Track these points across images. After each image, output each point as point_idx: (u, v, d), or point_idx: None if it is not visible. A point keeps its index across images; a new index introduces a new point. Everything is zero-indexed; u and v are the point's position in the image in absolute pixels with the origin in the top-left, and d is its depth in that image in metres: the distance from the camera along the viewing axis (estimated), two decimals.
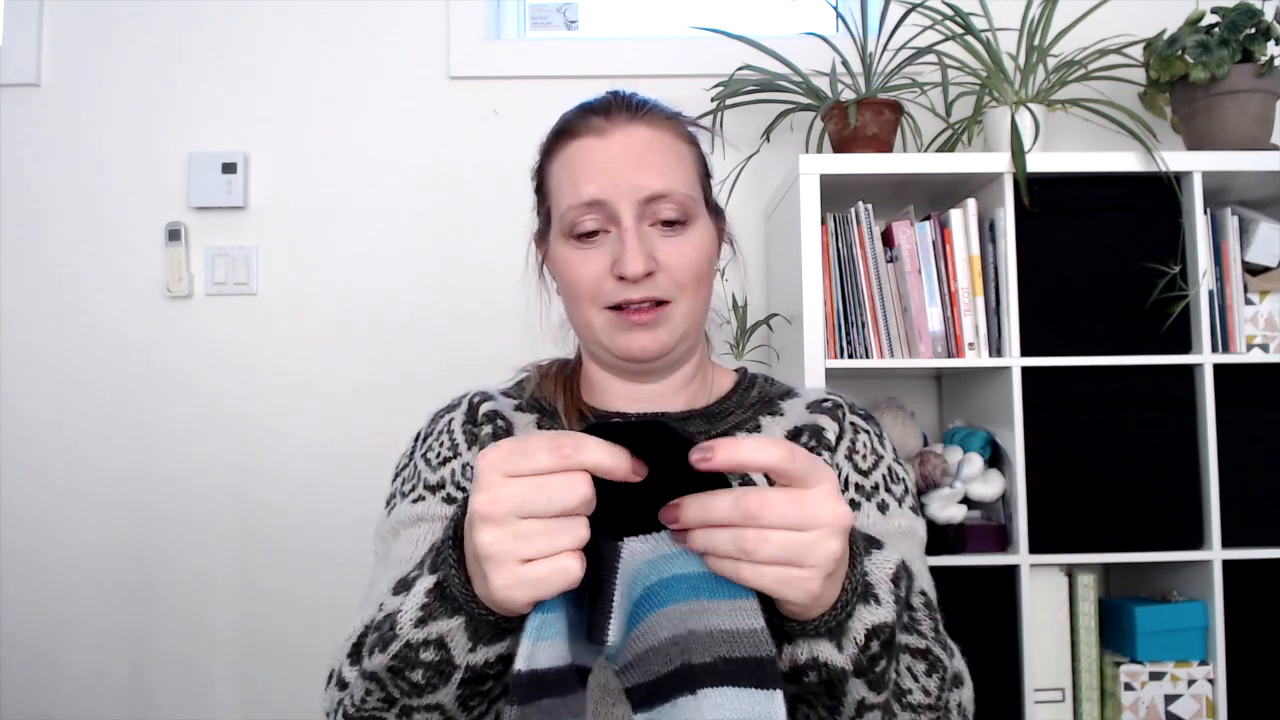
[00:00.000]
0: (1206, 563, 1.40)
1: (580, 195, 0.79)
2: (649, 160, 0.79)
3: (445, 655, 0.57)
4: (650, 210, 0.79)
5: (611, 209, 0.79)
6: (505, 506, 0.49)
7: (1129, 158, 1.44)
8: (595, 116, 0.81)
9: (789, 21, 1.85)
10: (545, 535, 0.49)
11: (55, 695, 1.72)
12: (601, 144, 0.80)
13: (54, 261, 1.78)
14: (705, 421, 0.87)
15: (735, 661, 0.52)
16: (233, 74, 1.80)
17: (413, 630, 0.58)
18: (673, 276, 0.80)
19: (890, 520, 0.82)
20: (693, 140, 0.86)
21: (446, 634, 0.57)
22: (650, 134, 0.81)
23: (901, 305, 1.46)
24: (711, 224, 0.86)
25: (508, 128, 1.79)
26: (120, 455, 1.75)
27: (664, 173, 0.79)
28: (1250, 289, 1.48)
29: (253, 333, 1.77)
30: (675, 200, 0.79)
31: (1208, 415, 1.41)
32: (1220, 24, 1.49)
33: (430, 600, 0.57)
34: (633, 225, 0.78)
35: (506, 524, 0.49)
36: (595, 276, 0.80)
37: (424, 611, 0.58)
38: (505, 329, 1.65)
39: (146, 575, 1.74)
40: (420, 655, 0.58)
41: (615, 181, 0.78)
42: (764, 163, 1.72)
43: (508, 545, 0.49)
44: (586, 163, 0.80)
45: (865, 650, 0.57)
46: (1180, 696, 1.39)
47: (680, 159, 0.82)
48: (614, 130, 0.80)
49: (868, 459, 0.85)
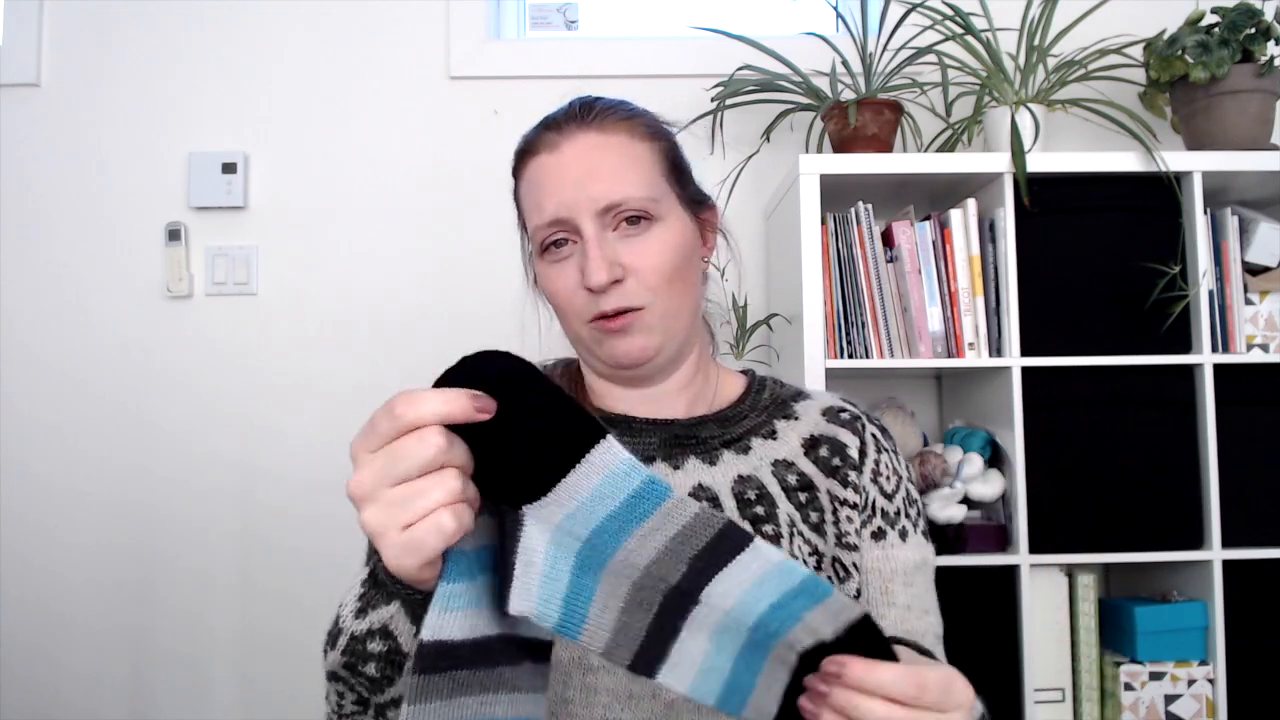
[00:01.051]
0: (1206, 563, 1.40)
1: (543, 215, 0.79)
2: (600, 169, 0.78)
3: (393, 644, 0.58)
4: (610, 217, 0.78)
5: (572, 223, 0.78)
6: (370, 480, 0.49)
7: (1129, 158, 1.44)
8: (549, 132, 0.81)
9: (789, 21, 1.85)
10: (415, 496, 0.48)
11: (55, 695, 1.72)
12: (555, 159, 0.79)
13: (54, 261, 1.78)
14: (719, 426, 0.86)
15: (704, 553, 0.51)
16: (233, 74, 1.80)
17: (354, 622, 0.59)
18: (641, 280, 0.79)
19: (910, 550, 0.85)
20: (655, 136, 0.83)
21: (389, 621, 0.58)
22: (599, 139, 0.80)
23: (901, 305, 1.46)
24: (687, 217, 0.84)
25: (508, 128, 1.76)
26: (120, 455, 1.75)
27: (616, 178, 0.78)
28: (1250, 289, 1.48)
29: (253, 333, 1.77)
30: (632, 205, 0.78)
31: (1208, 415, 1.41)
32: (1220, 24, 1.49)
33: (365, 590, 0.59)
34: (594, 235, 0.77)
35: (377, 496, 0.49)
36: (570, 290, 0.80)
37: (362, 602, 0.59)
38: (505, 329, 1.64)
39: (146, 575, 1.74)
40: (368, 646, 0.58)
41: (571, 195, 0.78)
42: (764, 163, 1.72)
43: (384, 516, 0.49)
44: (544, 180, 0.80)
45: None
46: (1180, 696, 1.39)
47: (635, 160, 0.80)
48: (564, 142, 0.80)
49: (891, 480, 0.87)
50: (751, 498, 0.82)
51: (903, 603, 0.83)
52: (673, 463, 0.83)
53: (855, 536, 0.83)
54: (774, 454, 0.85)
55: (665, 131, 0.85)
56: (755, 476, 0.83)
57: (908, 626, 0.82)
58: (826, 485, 0.84)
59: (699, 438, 0.85)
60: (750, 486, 0.82)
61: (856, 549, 0.83)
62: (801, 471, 0.84)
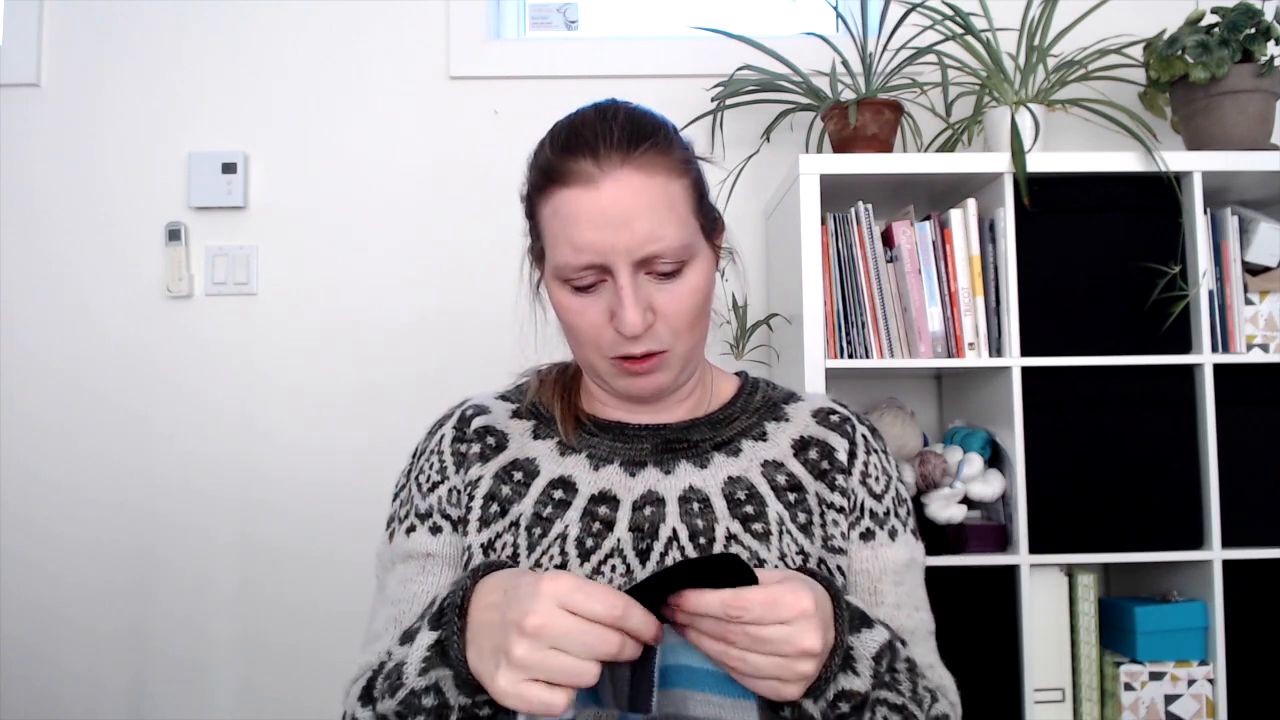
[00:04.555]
0: (1206, 563, 1.40)
1: (578, 257, 0.75)
2: (642, 216, 0.74)
3: (442, 699, 0.66)
4: (645, 263, 0.76)
5: (607, 268, 0.75)
6: (550, 635, 0.58)
7: (1129, 158, 1.44)
8: (585, 161, 0.74)
9: (789, 21, 1.85)
10: (560, 671, 0.58)
11: (55, 697, 1.72)
12: (592, 196, 0.74)
13: (54, 261, 1.78)
14: (710, 429, 0.87)
15: None
16: (233, 74, 1.80)
17: (416, 679, 0.66)
18: (669, 324, 0.78)
19: (899, 549, 0.86)
20: (687, 166, 0.80)
21: (441, 680, 0.66)
22: (643, 182, 0.74)
23: (901, 305, 1.46)
24: (708, 249, 0.82)
25: (508, 128, 1.79)
26: (119, 455, 1.75)
27: (658, 227, 0.74)
28: (1250, 289, 1.47)
29: (252, 333, 1.77)
30: (670, 256, 0.76)
31: (1208, 415, 1.41)
32: (1220, 24, 1.49)
33: (431, 654, 0.66)
34: (629, 282, 0.75)
35: (540, 648, 0.58)
36: (594, 326, 0.78)
37: (425, 664, 0.66)
38: (505, 329, 1.64)
39: (146, 575, 1.74)
40: (422, 701, 0.66)
41: (610, 241, 0.74)
42: (764, 163, 1.72)
43: (531, 662, 0.58)
44: (578, 217, 0.74)
45: (834, 709, 0.66)
46: (1180, 696, 1.39)
47: (674, 204, 0.76)
48: (604, 179, 0.74)
49: (880, 480, 0.87)
50: (741, 498, 0.82)
51: (892, 601, 0.84)
52: (664, 467, 0.84)
53: (841, 540, 0.84)
54: (764, 455, 0.85)
55: (695, 158, 0.82)
56: (745, 477, 0.84)
57: (898, 624, 0.83)
58: (815, 488, 0.84)
59: (690, 441, 0.86)
60: (740, 487, 0.83)
61: (843, 552, 0.84)
62: (790, 472, 0.85)
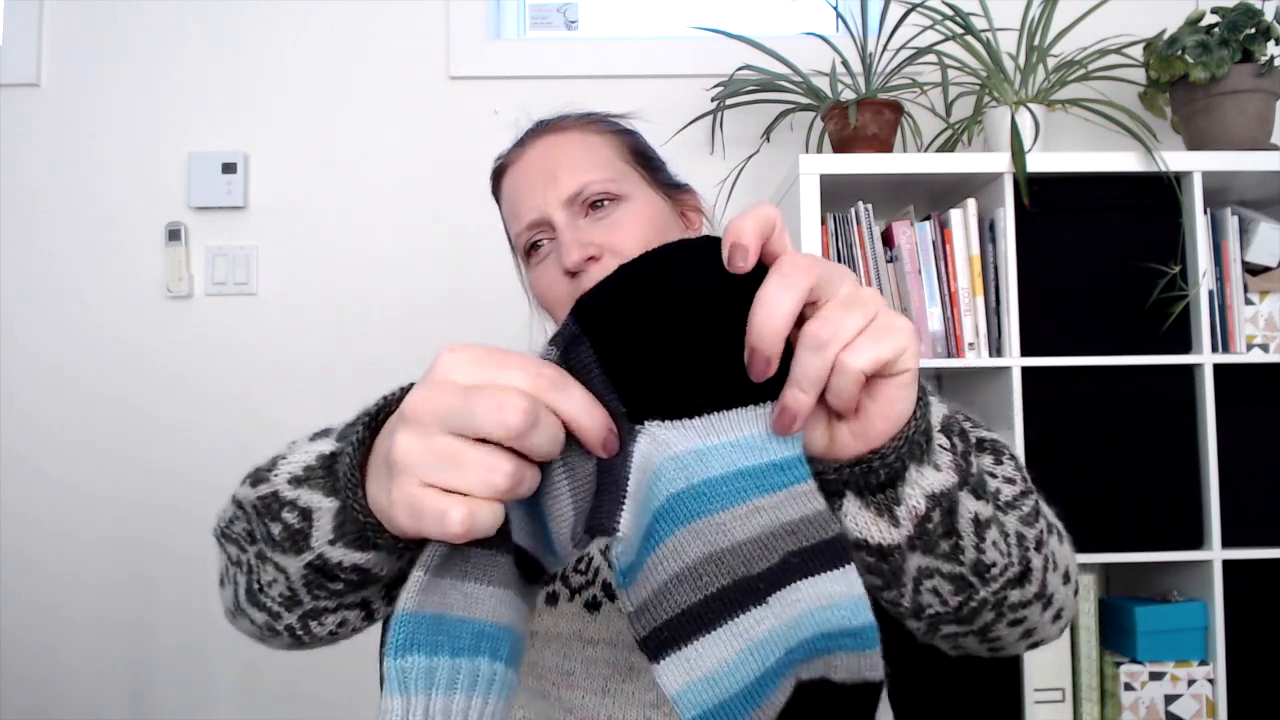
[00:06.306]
0: (1206, 563, 1.40)
1: (520, 221, 0.84)
2: (559, 163, 0.83)
3: (305, 528, 0.51)
4: (578, 205, 0.82)
5: (545, 221, 0.82)
6: (437, 411, 0.41)
7: (1129, 158, 1.44)
8: (515, 148, 0.88)
9: (789, 21, 1.85)
10: (453, 465, 0.40)
11: (55, 693, 1.72)
12: (519, 168, 0.86)
13: (54, 261, 1.78)
14: None
15: (804, 553, 0.43)
16: (233, 74, 1.80)
17: (285, 486, 0.54)
18: (618, 254, 0.79)
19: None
20: (612, 131, 0.88)
21: (314, 510, 0.51)
22: (556, 139, 0.86)
23: (901, 305, 1.46)
24: (658, 197, 0.87)
25: (508, 128, 1.78)
26: (120, 455, 1.75)
27: (575, 168, 0.82)
28: (1250, 289, 1.47)
29: (252, 332, 1.77)
30: (595, 188, 0.82)
31: (1208, 415, 1.41)
32: (1220, 24, 1.49)
33: (316, 465, 0.52)
34: (564, 223, 0.81)
35: (427, 434, 0.41)
36: (554, 282, 0.82)
37: (305, 472, 0.53)
38: (505, 329, 1.65)
39: (146, 575, 1.74)
40: (283, 513, 0.53)
41: (539, 195, 0.82)
42: (764, 163, 1.72)
43: (417, 459, 0.41)
44: (514, 188, 0.86)
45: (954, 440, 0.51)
46: (1180, 696, 1.39)
47: (591, 149, 0.85)
48: (527, 151, 0.86)
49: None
50: None
51: None
52: None
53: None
54: None
55: (624, 128, 0.90)
56: None
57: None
58: None
59: None
60: None
61: None
62: None
